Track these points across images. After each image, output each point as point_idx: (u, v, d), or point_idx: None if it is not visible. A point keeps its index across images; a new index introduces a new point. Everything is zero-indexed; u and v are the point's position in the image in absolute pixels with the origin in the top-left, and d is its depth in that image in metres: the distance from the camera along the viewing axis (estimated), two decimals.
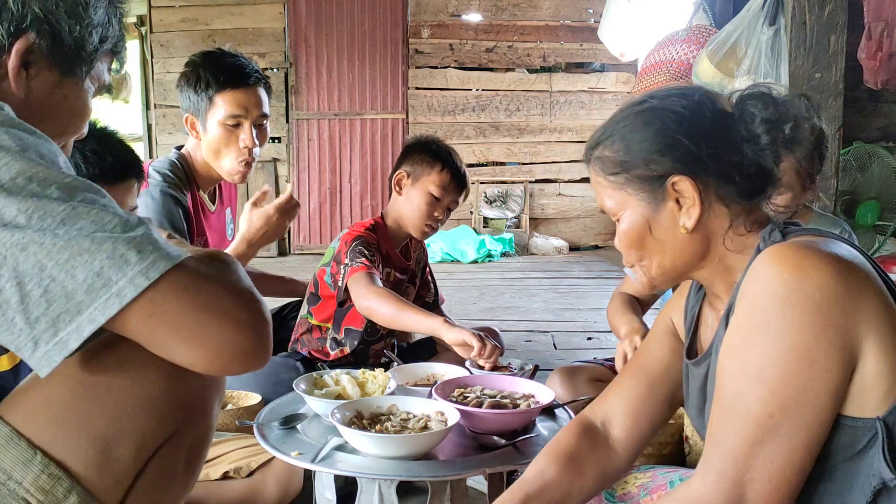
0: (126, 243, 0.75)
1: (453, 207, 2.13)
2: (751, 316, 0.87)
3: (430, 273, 2.36)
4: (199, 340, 0.78)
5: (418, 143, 2.15)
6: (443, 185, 2.06)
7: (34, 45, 0.89)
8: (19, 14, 0.87)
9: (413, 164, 2.10)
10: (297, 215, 2.11)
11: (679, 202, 0.99)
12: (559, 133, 7.43)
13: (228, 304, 0.80)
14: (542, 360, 3.12)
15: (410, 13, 7.25)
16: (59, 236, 0.72)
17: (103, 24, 0.97)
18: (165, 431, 0.89)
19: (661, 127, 0.99)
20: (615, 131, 1.04)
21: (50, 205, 0.74)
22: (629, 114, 1.04)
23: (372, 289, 1.89)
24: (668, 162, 0.98)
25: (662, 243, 1.01)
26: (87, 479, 0.82)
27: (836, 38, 3.24)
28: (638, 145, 1.00)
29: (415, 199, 2.07)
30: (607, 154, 1.04)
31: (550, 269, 6.11)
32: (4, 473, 0.79)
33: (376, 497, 1.35)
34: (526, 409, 1.48)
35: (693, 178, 0.97)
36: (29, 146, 0.77)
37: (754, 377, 0.84)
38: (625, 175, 1.02)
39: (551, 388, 1.65)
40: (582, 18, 7.36)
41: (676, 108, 1.00)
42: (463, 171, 2.11)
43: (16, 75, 0.89)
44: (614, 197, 1.04)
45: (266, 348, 0.84)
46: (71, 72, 0.95)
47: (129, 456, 0.86)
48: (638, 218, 1.02)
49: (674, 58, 5.12)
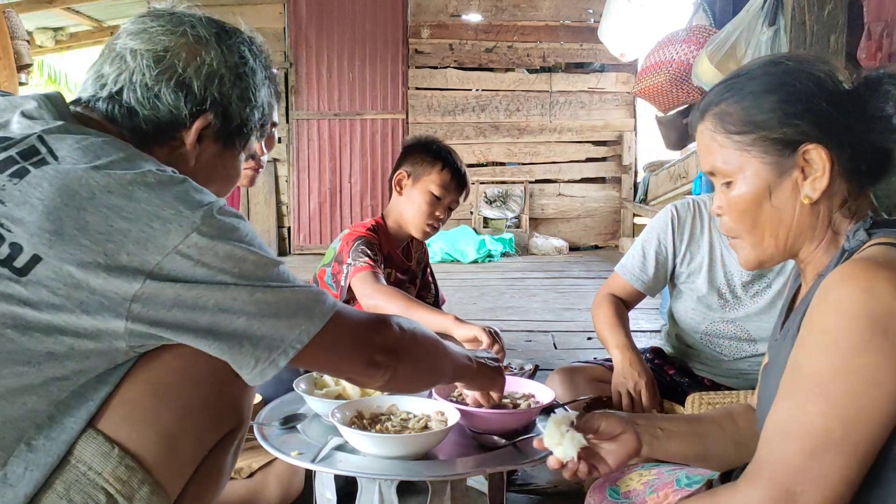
0: (302, 301, 0.94)
1: (454, 207, 2.13)
2: (819, 334, 0.86)
3: (430, 274, 2.36)
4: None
5: (418, 143, 2.15)
6: (443, 185, 2.06)
7: (210, 124, 1.04)
8: (201, 97, 1.02)
9: (413, 164, 2.10)
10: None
11: (804, 171, 0.95)
12: (559, 133, 7.43)
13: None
14: (542, 360, 3.12)
15: (410, 13, 7.26)
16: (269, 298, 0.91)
17: (264, 105, 1.11)
18: (221, 431, 0.98)
19: (802, 89, 0.94)
20: (744, 88, 0.98)
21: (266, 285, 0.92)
22: (761, 73, 0.98)
23: (378, 287, 1.89)
24: (805, 127, 0.93)
25: (780, 212, 0.97)
26: (156, 471, 0.90)
27: (836, 38, 3.24)
28: (773, 105, 0.95)
29: (415, 198, 2.07)
30: (733, 111, 0.98)
31: (550, 269, 6.11)
32: (85, 465, 0.86)
33: (376, 497, 1.35)
34: (526, 409, 1.47)
35: (827, 148, 0.93)
36: (254, 241, 0.93)
37: (817, 392, 0.84)
38: (752, 135, 0.96)
39: (551, 388, 1.65)
40: (582, 18, 7.36)
41: (817, 72, 0.95)
42: (463, 171, 2.12)
43: (191, 148, 1.04)
44: (732, 158, 0.98)
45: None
46: (232, 145, 1.09)
47: (191, 452, 0.94)
48: (759, 182, 0.96)
49: (674, 58, 5.12)
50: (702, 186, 4.85)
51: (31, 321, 0.81)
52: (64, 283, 0.81)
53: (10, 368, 0.82)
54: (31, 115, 0.93)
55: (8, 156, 0.86)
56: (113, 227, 0.83)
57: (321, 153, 7.28)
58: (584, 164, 7.48)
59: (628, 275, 1.96)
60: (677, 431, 1.15)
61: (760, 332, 1.87)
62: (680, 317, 1.97)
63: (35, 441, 0.84)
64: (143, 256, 0.83)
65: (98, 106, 1.00)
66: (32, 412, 0.84)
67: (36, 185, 0.83)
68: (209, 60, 1.02)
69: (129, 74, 0.99)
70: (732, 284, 1.87)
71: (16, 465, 0.83)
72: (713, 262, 1.88)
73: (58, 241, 0.81)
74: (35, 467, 0.83)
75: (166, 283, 0.84)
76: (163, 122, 1.01)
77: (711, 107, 1.01)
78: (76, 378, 0.86)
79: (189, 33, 1.02)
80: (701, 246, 1.90)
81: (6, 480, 0.82)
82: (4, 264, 0.81)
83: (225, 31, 1.07)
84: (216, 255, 0.86)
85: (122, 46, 1.01)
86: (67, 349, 0.83)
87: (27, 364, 0.82)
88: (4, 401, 0.82)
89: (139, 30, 1.02)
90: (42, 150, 0.87)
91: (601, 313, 1.93)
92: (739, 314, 1.87)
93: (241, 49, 1.07)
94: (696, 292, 1.91)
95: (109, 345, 0.85)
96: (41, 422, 0.84)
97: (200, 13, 1.07)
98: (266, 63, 1.12)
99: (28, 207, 0.82)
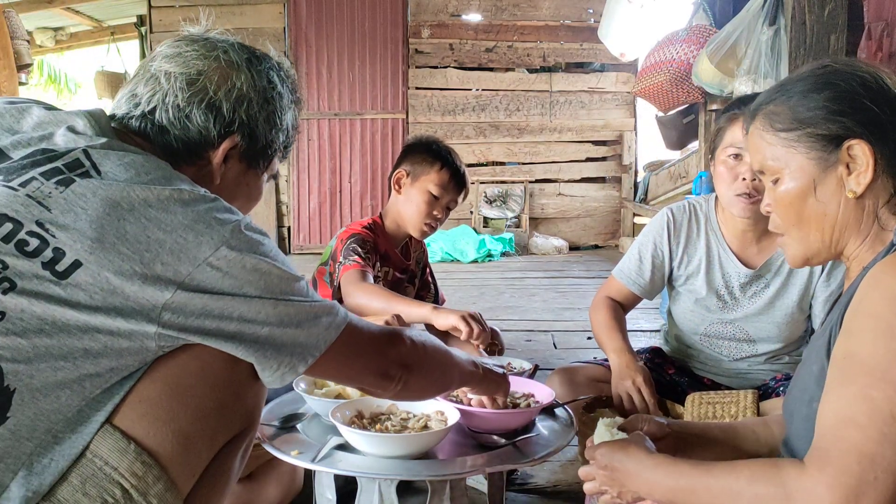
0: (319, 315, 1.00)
1: (452, 207, 2.13)
2: (872, 320, 0.87)
3: (430, 273, 2.36)
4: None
5: (418, 142, 2.15)
6: (442, 184, 2.06)
7: (237, 145, 1.09)
8: (230, 119, 1.06)
9: (413, 164, 2.10)
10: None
11: (849, 167, 0.98)
12: (559, 133, 7.43)
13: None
14: (542, 360, 3.12)
15: (410, 13, 7.26)
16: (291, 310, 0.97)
17: (289, 128, 1.16)
18: (232, 432, 1.01)
19: (847, 88, 0.98)
20: (793, 89, 1.02)
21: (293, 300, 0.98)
22: (808, 75, 1.02)
23: (361, 286, 1.89)
24: (849, 123, 0.97)
25: (825, 206, 1.00)
26: (171, 469, 0.92)
27: (836, 38, 3.24)
28: (819, 103, 0.99)
29: (414, 197, 2.07)
30: (781, 109, 1.02)
31: (550, 269, 6.11)
32: (101, 459, 0.88)
33: (376, 497, 1.35)
34: (526, 408, 1.48)
35: (870, 144, 0.96)
36: (278, 256, 0.98)
37: (879, 377, 0.84)
38: (798, 132, 1.00)
39: (551, 388, 1.65)
40: (582, 18, 7.36)
41: (861, 73, 0.99)
42: (462, 171, 2.12)
43: (217, 167, 1.09)
44: (779, 154, 1.02)
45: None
46: (256, 165, 1.14)
47: (204, 451, 0.97)
48: (804, 177, 1.00)
49: (674, 58, 5.12)
50: (701, 186, 4.85)
51: (70, 319, 0.86)
52: (101, 288, 0.86)
53: (49, 363, 0.85)
54: (75, 130, 0.98)
55: (55, 166, 0.91)
56: (150, 237, 0.88)
57: (321, 153, 7.28)
58: (584, 163, 7.48)
59: (625, 279, 1.96)
60: (711, 439, 1.17)
61: (759, 333, 1.87)
62: (679, 318, 1.97)
63: (62, 433, 0.87)
64: (177, 267, 0.88)
65: (131, 124, 1.06)
66: (65, 406, 0.87)
67: (80, 195, 0.88)
68: (239, 84, 1.07)
69: (162, 95, 1.04)
70: (731, 286, 1.87)
71: (42, 456, 0.86)
72: (711, 264, 1.89)
73: (98, 249, 0.86)
74: (60, 458, 0.86)
75: (195, 293, 0.89)
76: (192, 141, 1.06)
77: (762, 107, 1.05)
78: (109, 376, 0.89)
79: (221, 58, 1.07)
80: (698, 248, 1.90)
81: (32, 469, 0.85)
82: (47, 267, 0.86)
83: (255, 56, 1.12)
84: (243, 268, 0.92)
85: (156, 68, 1.06)
86: (102, 347, 0.87)
87: (64, 359, 0.86)
88: (40, 394, 0.85)
89: (174, 53, 1.07)
90: (86, 164, 0.92)
91: (598, 317, 1.94)
92: (738, 315, 1.87)
93: (270, 74, 1.12)
94: (694, 294, 1.91)
95: (141, 344, 0.89)
96: (71, 416, 0.88)
97: (233, 38, 1.12)
98: (293, 87, 1.17)
99: (72, 215, 0.87)
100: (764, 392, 1.79)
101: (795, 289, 1.83)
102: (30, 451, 0.85)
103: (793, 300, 1.83)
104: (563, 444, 1.45)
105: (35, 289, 0.85)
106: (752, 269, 1.85)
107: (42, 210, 0.87)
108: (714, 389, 1.87)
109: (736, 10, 4.58)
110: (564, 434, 1.49)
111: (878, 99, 0.97)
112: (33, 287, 0.85)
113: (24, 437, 0.85)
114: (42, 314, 0.85)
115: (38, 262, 0.85)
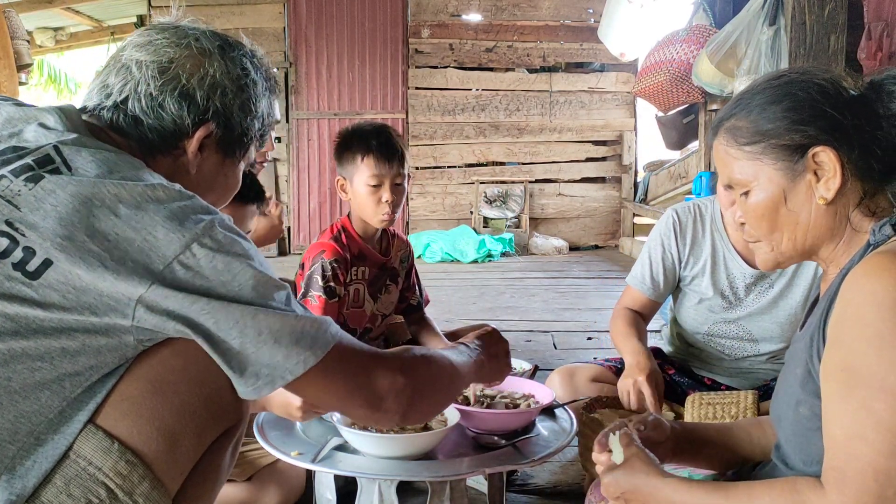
0: (302, 331, 0.93)
1: (400, 181, 2.03)
2: (860, 328, 0.87)
3: (415, 275, 2.34)
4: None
5: (338, 142, 2.07)
6: (372, 172, 1.99)
7: (212, 133, 1.07)
8: (204, 107, 1.04)
9: (343, 166, 2.06)
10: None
11: (817, 174, 0.98)
12: (559, 133, 7.43)
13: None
14: (542, 360, 3.12)
15: (410, 13, 7.26)
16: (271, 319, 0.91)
17: (264, 115, 1.14)
18: (220, 429, 0.99)
19: (805, 97, 0.98)
20: (752, 102, 1.03)
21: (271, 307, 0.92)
22: (766, 87, 1.03)
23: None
24: (811, 131, 0.97)
25: (797, 215, 1.00)
26: (156, 467, 0.91)
27: (836, 38, 3.25)
28: (779, 114, 0.99)
29: (358, 196, 2.03)
30: (742, 124, 1.03)
31: (550, 269, 6.11)
32: (84, 460, 0.87)
33: (376, 497, 1.35)
34: (526, 409, 1.48)
35: (835, 150, 0.97)
36: (255, 257, 0.93)
37: (878, 388, 0.84)
38: (762, 144, 1.00)
39: (551, 388, 1.65)
40: (582, 18, 7.36)
41: (818, 80, 0.99)
42: (384, 142, 2.01)
43: (193, 157, 1.07)
44: (746, 168, 1.02)
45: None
46: (232, 154, 1.12)
47: (191, 449, 0.95)
48: (773, 188, 1.00)
49: (674, 58, 5.12)
50: (701, 186, 4.85)
51: (45, 320, 0.84)
52: (74, 286, 0.84)
53: (26, 364, 0.84)
54: (46, 126, 0.96)
55: (24, 163, 0.89)
56: (119, 235, 0.86)
57: (321, 153, 7.28)
58: (584, 163, 7.48)
59: (639, 285, 1.95)
60: (707, 440, 1.17)
61: (762, 332, 1.87)
62: (682, 318, 1.97)
63: (44, 435, 0.86)
64: (147, 264, 0.86)
65: (103, 115, 1.03)
66: (46, 407, 0.86)
67: (50, 192, 0.86)
68: (212, 72, 1.05)
69: (134, 84, 1.02)
70: (735, 286, 1.87)
71: (25, 459, 0.85)
72: (716, 265, 1.89)
73: (69, 246, 0.84)
74: (43, 460, 0.86)
75: (170, 290, 0.86)
76: (166, 131, 1.04)
77: (723, 122, 1.06)
78: (89, 374, 0.88)
79: (193, 45, 1.05)
80: (703, 249, 1.90)
81: (15, 473, 0.84)
82: (17, 268, 0.84)
83: (228, 43, 1.10)
84: (215, 268, 0.88)
85: (127, 58, 1.04)
86: (80, 345, 0.86)
87: (41, 360, 0.85)
88: (19, 396, 0.84)
89: (145, 42, 1.05)
90: (57, 160, 0.90)
91: (615, 327, 1.94)
92: (741, 314, 1.88)
93: (243, 61, 1.10)
94: (699, 294, 1.91)
95: (119, 340, 0.88)
96: (53, 416, 0.87)
97: (204, 27, 1.10)
98: (267, 75, 1.15)
99: (41, 213, 0.85)
100: (765, 392, 1.79)
101: (799, 289, 1.83)
102: (12, 454, 0.84)
103: (796, 300, 1.83)
104: (563, 445, 1.45)
105: (7, 291, 0.83)
106: (756, 268, 1.85)
107: (12, 209, 0.85)
108: (715, 389, 1.87)
109: (736, 10, 4.58)
110: (564, 435, 1.49)
111: (837, 104, 0.97)
112: (5, 290, 0.83)
113: (5, 441, 0.84)
114: (15, 316, 0.84)
115: (9, 262, 0.84)
